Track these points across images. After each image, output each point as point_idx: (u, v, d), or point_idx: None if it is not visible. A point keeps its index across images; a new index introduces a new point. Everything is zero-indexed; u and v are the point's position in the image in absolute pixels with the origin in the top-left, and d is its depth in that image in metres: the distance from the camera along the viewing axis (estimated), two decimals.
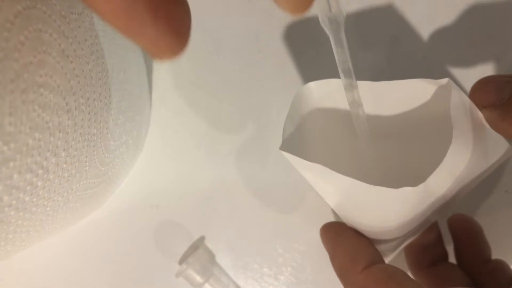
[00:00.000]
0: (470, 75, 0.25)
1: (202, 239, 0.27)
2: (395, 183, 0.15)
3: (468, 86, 0.25)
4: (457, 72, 0.25)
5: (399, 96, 0.18)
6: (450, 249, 0.23)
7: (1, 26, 0.11)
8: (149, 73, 0.27)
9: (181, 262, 0.27)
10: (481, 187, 0.25)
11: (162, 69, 0.27)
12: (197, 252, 0.26)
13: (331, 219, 0.26)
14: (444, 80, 0.16)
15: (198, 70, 0.26)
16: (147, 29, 0.10)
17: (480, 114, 0.15)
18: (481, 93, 0.16)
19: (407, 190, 0.14)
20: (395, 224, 0.17)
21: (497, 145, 0.17)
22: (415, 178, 0.15)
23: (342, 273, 0.17)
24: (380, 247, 0.19)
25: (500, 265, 0.21)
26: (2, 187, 0.13)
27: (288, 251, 0.26)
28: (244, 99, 0.26)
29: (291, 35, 0.26)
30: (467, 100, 0.15)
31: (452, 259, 0.23)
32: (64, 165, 0.16)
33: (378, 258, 0.17)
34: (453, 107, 0.15)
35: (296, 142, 0.17)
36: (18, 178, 0.13)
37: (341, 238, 0.18)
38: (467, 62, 0.26)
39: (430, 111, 0.18)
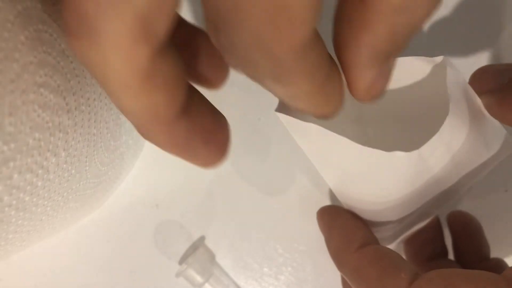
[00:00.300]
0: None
1: (202, 239, 0.27)
2: None
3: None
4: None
5: (394, 75, 0.18)
6: (450, 248, 0.23)
7: (1, 26, 0.11)
8: None
9: (181, 262, 0.27)
10: (481, 187, 0.25)
11: None
12: (197, 252, 0.26)
13: None
14: (439, 58, 0.15)
15: None
16: (199, 155, 0.12)
17: (478, 101, 0.15)
18: (480, 79, 0.16)
19: (399, 154, 0.14)
20: (391, 200, 0.16)
21: (497, 136, 0.17)
22: None
23: (336, 254, 0.17)
24: (378, 234, 0.19)
25: (498, 263, 0.21)
26: (2, 187, 0.13)
27: (288, 251, 0.26)
28: (244, 99, 0.26)
29: None
30: (463, 79, 0.15)
31: (451, 256, 0.23)
32: (64, 165, 0.16)
33: (372, 240, 0.17)
34: (450, 83, 0.14)
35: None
36: (18, 178, 0.13)
37: (337, 220, 0.18)
38: (466, 58, 0.26)
39: (426, 89, 0.17)
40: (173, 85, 0.10)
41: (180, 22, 0.14)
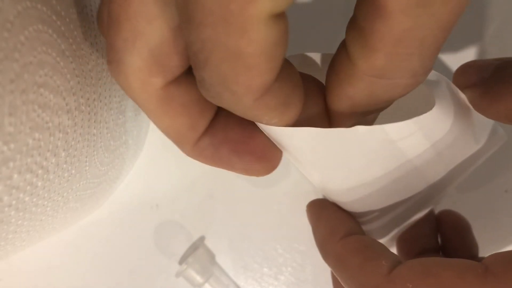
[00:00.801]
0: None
1: (202, 239, 0.27)
2: None
3: None
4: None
5: None
6: None
7: (1, 26, 0.11)
8: None
9: (181, 262, 0.27)
10: (481, 187, 0.25)
11: None
12: (197, 252, 0.26)
13: None
14: None
15: None
16: (237, 165, 0.13)
17: (462, 95, 0.16)
18: (464, 74, 0.16)
19: (361, 129, 0.13)
20: (367, 185, 0.16)
21: (485, 129, 0.17)
22: None
23: (321, 244, 0.18)
24: (366, 227, 0.19)
25: (494, 264, 0.21)
26: (2, 187, 0.13)
27: (288, 251, 0.26)
28: None
29: (291, 35, 0.26)
30: (445, 79, 0.15)
31: None
32: (64, 165, 0.16)
33: (356, 230, 0.17)
34: (432, 77, 0.15)
35: None
36: (18, 178, 0.13)
37: (323, 211, 0.19)
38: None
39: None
40: (195, 112, 0.12)
41: None
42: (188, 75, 0.12)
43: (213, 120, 0.13)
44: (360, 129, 0.13)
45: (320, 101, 0.13)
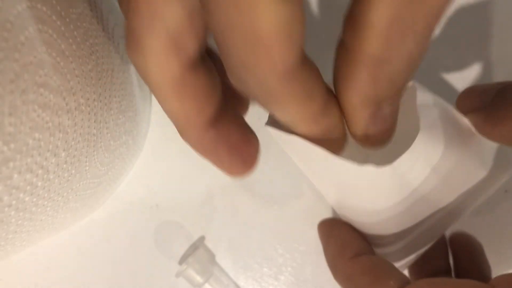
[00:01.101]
0: (466, 78, 0.25)
1: (202, 239, 0.27)
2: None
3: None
4: (452, 75, 0.25)
5: None
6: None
7: (1, 26, 0.11)
8: None
9: (181, 262, 0.27)
10: None
11: None
12: (197, 252, 0.26)
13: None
14: (410, 83, 0.16)
15: None
16: (224, 163, 0.14)
17: (466, 120, 0.16)
18: (465, 99, 0.16)
19: (371, 169, 0.14)
20: (379, 212, 0.16)
21: (492, 153, 0.17)
22: None
23: (331, 263, 0.18)
24: (380, 250, 0.19)
25: (500, 284, 0.21)
26: (2, 187, 0.13)
27: (288, 251, 0.26)
28: None
29: None
30: (438, 100, 0.16)
31: None
32: (64, 165, 0.16)
33: (367, 250, 0.18)
34: (419, 105, 0.15)
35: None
36: (18, 178, 0.13)
37: (334, 230, 0.19)
38: (464, 64, 0.26)
39: (404, 114, 0.18)
40: (203, 97, 0.13)
41: None
42: (202, 61, 0.12)
43: (219, 121, 0.14)
44: (369, 168, 0.14)
45: (336, 108, 0.13)
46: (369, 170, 0.14)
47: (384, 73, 0.11)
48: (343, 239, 0.18)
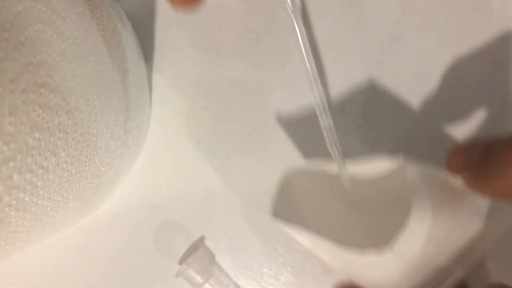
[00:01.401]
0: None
1: (202, 239, 0.27)
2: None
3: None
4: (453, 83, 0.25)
5: (370, 173, 0.21)
6: None
7: (1, 26, 0.11)
8: (149, 73, 0.27)
9: (181, 262, 0.27)
10: None
11: (162, 69, 0.27)
12: (197, 252, 0.26)
13: None
14: (400, 159, 0.18)
15: (198, 70, 0.26)
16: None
17: (457, 181, 0.17)
18: (453, 160, 0.17)
19: (371, 257, 0.16)
20: (385, 279, 0.18)
21: (486, 206, 0.18)
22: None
23: None
24: None
25: None
26: (2, 187, 0.13)
27: (288, 251, 0.26)
28: (244, 99, 0.26)
29: (291, 36, 0.26)
30: (428, 169, 0.17)
31: None
32: (64, 165, 0.16)
33: None
34: (410, 179, 0.17)
35: (285, 207, 0.21)
36: (18, 178, 0.13)
37: None
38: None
39: (395, 185, 0.20)
40: None
41: None
42: None
43: None
44: (370, 255, 0.16)
45: None
46: (371, 258, 0.16)
47: None
48: None
